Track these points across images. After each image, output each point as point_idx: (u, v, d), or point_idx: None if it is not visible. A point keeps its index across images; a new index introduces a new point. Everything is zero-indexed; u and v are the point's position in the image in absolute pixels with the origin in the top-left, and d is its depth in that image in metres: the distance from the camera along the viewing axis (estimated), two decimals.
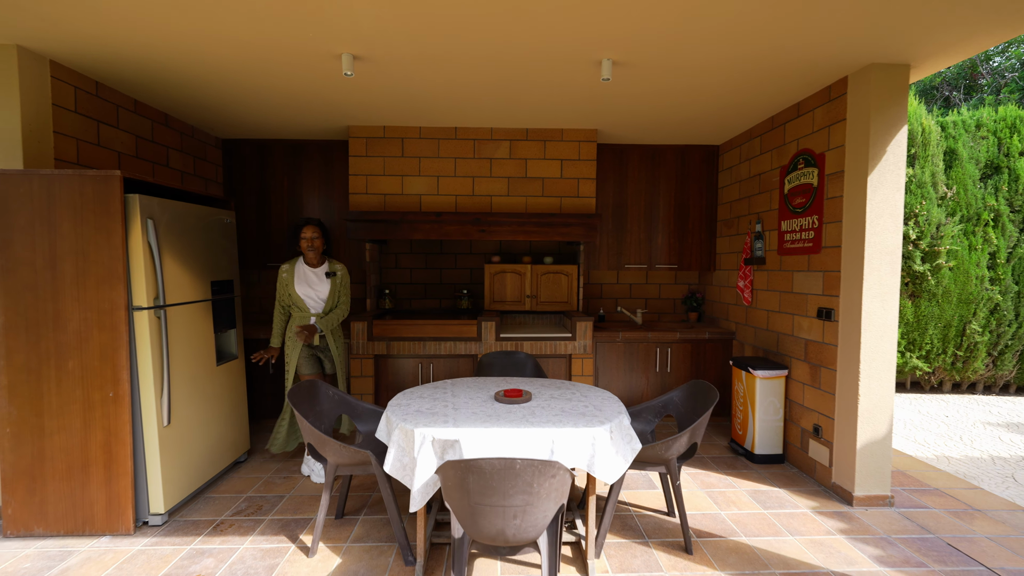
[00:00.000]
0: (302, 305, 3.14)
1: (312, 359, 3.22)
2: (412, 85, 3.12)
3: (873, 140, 2.78)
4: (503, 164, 4.13)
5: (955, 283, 5.40)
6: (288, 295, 3.13)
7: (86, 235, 2.44)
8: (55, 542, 2.46)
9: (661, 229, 4.62)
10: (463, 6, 2.17)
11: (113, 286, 2.46)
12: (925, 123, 5.47)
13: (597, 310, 4.89)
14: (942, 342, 5.60)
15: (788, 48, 2.56)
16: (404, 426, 2.10)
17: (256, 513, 2.75)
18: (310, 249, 3.14)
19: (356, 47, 2.58)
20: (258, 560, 2.32)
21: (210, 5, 2.18)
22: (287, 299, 3.15)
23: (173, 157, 3.78)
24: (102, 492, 2.51)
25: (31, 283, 2.44)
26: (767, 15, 2.23)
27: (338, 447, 2.24)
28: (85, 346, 2.47)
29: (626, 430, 2.26)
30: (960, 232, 5.40)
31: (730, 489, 3.08)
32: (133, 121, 3.37)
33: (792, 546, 2.46)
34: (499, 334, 3.92)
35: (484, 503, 1.67)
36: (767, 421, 3.46)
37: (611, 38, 2.46)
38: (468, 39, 2.49)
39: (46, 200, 2.42)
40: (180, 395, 2.75)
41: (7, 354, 2.44)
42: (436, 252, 4.67)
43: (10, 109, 2.57)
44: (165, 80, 3.05)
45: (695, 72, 2.89)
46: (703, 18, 2.27)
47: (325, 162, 4.43)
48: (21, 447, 2.47)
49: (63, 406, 2.47)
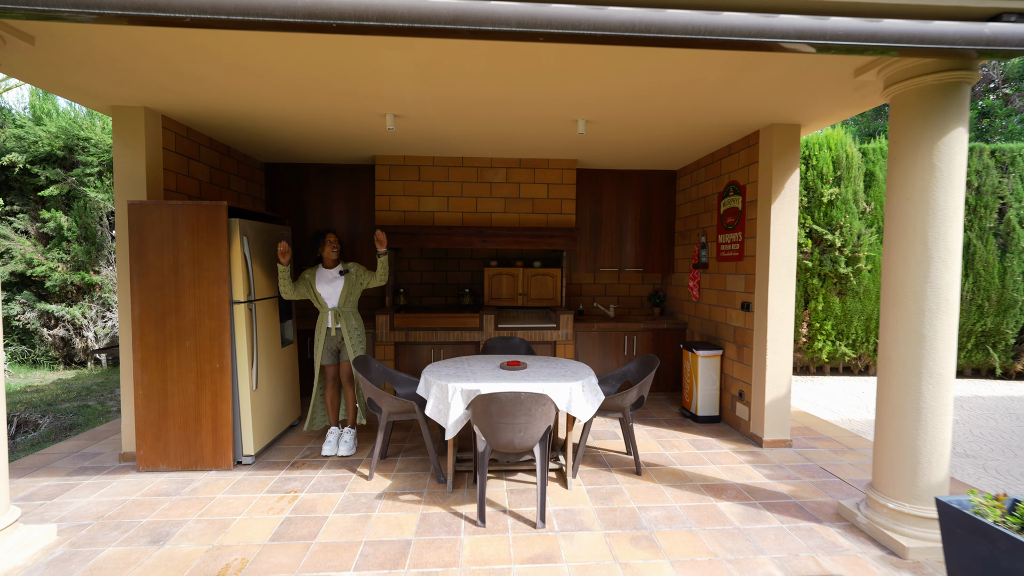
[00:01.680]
0: (321, 300, 3.80)
1: (331, 352, 3.88)
2: (433, 131, 4.06)
3: (775, 178, 3.80)
4: (501, 187, 5.08)
5: (873, 283, 6.51)
6: (311, 292, 3.79)
7: (200, 248, 3.32)
8: (177, 474, 3.34)
9: (630, 239, 5.62)
10: (476, 88, 3.12)
11: (220, 286, 3.35)
12: (849, 150, 6.57)
13: (577, 305, 5.87)
14: (865, 332, 6.71)
15: (715, 112, 3.56)
16: (440, 383, 3.04)
17: (318, 457, 3.66)
18: (333, 250, 3.79)
19: (398, 110, 3.51)
20: (332, 483, 3.23)
21: (303, 89, 3.09)
22: (307, 293, 3.79)
23: (233, 181, 4.65)
24: (210, 438, 3.39)
25: (159, 283, 3.32)
26: (697, 93, 3.22)
27: (391, 399, 3.17)
28: (198, 330, 3.35)
29: (594, 386, 3.23)
30: (877, 240, 6.51)
31: (675, 438, 4.08)
32: (208, 155, 4.24)
33: (711, 470, 3.46)
34: (497, 325, 4.87)
35: (500, 422, 2.62)
36: (707, 390, 4.48)
37: (583, 107, 3.43)
38: (479, 105, 3.43)
39: (171, 223, 3.30)
40: (262, 368, 3.65)
41: (141, 336, 3.31)
42: (443, 257, 5.60)
43: (137, 153, 3.45)
44: (237, 125, 3.93)
45: (649, 127, 3.89)
46: (649, 98, 3.25)
47: (351, 183, 5.34)
48: (150, 404, 3.35)
49: (181, 375, 3.36)
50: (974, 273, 6.57)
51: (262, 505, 2.93)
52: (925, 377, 2.48)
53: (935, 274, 2.45)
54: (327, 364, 3.84)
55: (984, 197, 6.58)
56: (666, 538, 2.60)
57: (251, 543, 2.54)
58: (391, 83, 3.01)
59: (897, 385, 2.56)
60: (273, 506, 2.92)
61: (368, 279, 3.86)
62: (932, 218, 2.44)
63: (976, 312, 6.62)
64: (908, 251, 2.50)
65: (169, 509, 2.88)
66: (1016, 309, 6.59)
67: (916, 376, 2.49)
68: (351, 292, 3.79)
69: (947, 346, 2.46)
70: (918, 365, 2.48)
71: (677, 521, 2.77)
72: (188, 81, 3.01)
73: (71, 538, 2.58)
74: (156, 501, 2.98)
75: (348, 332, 3.75)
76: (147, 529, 2.67)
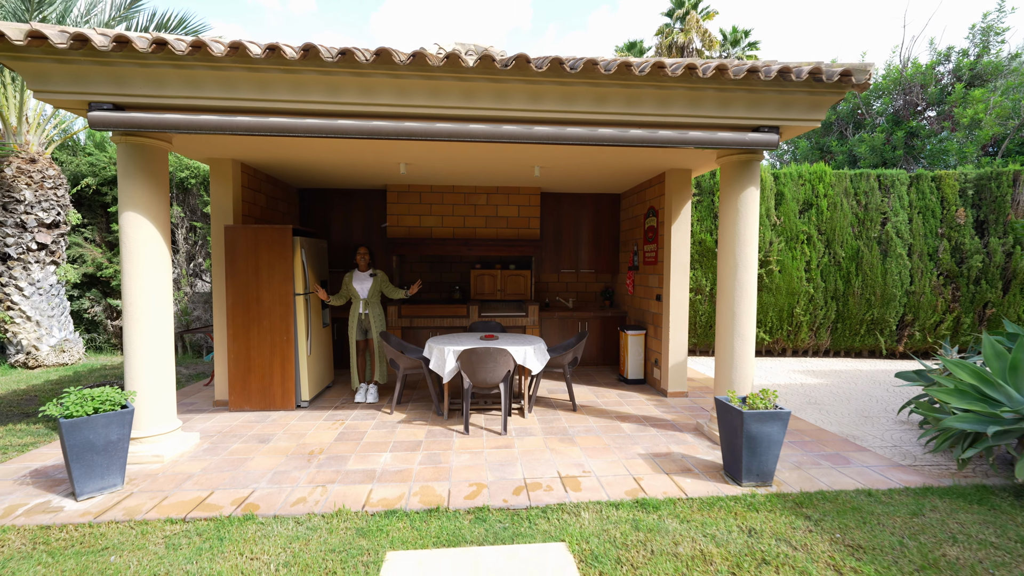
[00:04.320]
0: (356, 293, 5.46)
1: (362, 331, 5.51)
2: (432, 171, 5.61)
3: (674, 206, 5.40)
4: (482, 208, 6.64)
5: (783, 281, 8.15)
6: (349, 289, 5.41)
7: (274, 257, 4.84)
8: (257, 413, 4.85)
9: (585, 247, 7.20)
10: (463, 152, 4.67)
11: (286, 283, 4.86)
12: (764, 175, 8.21)
13: (544, 299, 7.44)
14: (779, 320, 8.35)
15: (634, 161, 5.14)
16: (439, 347, 4.58)
17: (352, 404, 5.18)
18: (363, 259, 5.40)
19: (407, 160, 5.06)
20: (365, 416, 4.76)
21: (342, 151, 4.62)
22: (347, 291, 5.41)
23: (279, 204, 6.16)
24: (279, 388, 4.91)
25: (244, 281, 4.82)
26: (619, 151, 4.79)
27: (406, 358, 4.72)
28: (272, 314, 4.86)
29: (543, 351, 4.79)
30: (785, 247, 8.16)
31: (607, 393, 5.66)
32: (265, 187, 5.76)
33: (625, 409, 5.04)
34: (480, 314, 6.42)
35: (478, 367, 4.18)
36: (634, 359, 6.07)
37: (538, 160, 5.00)
38: (464, 160, 4.99)
39: (254, 240, 4.81)
40: (313, 341, 5.17)
41: (232, 317, 4.82)
42: (438, 262, 7.14)
43: (227, 191, 4.96)
44: (287, 166, 5.45)
45: (587, 169, 5.47)
46: (584, 154, 4.82)
47: (367, 205, 6.87)
48: (238, 365, 4.85)
49: (260, 344, 4.87)
50: (862, 273, 8.25)
51: (322, 427, 4.47)
52: (736, 337, 4.07)
53: (740, 274, 4.04)
54: (359, 340, 5.39)
55: (870, 212, 8.26)
56: (581, 439, 4.18)
57: (322, 442, 4.07)
58: (405, 151, 4.56)
59: (723, 342, 4.15)
60: (329, 427, 4.45)
61: (389, 288, 5.45)
62: (738, 240, 4.04)
63: (865, 304, 8.30)
64: (726, 261, 4.10)
65: (261, 429, 4.40)
66: (896, 302, 8.27)
67: (730, 336, 4.08)
68: (376, 289, 5.36)
69: (749, 318, 4.05)
70: (731, 330, 4.08)
71: (591, 432, 4.35)
72: (263, 145, 4.53)
73: (208, 442, 4.09)
74: (251, 425, 4.50)
75: (373, 317, 5.31)
76: (254, 436, 4.19)
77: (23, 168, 6.63)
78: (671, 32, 20.74)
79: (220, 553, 2.52)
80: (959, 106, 13.10)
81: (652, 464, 3.66)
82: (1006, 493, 3.20)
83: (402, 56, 3.22)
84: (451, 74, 3.35)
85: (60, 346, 7.07)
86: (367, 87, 3.37)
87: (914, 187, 8.36)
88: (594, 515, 2.92)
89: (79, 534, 2.69)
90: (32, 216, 6.69)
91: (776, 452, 3.26)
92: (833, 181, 8.29)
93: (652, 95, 3.55)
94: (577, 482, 3.34)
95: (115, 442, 3.07)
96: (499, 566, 2.48)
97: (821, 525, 2.82)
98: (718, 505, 3.05)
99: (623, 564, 2.46)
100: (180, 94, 3.28)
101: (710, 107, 3.61)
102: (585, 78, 3.42)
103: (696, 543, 2.64)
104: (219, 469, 3.52)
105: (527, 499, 3.09)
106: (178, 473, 3.45)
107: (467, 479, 3.37)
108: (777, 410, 3.24)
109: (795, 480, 3.40)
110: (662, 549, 2.58)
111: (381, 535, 2.70)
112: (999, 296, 8.27)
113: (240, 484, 3.28)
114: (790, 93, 3.60)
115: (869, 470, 3.57)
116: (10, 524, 2.77)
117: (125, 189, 3.51)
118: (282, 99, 3.35)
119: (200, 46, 3.10)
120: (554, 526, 2.81)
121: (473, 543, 2.65)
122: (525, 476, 3.43)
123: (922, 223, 8.26)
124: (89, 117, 3.22)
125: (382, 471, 3.50)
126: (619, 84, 3.48)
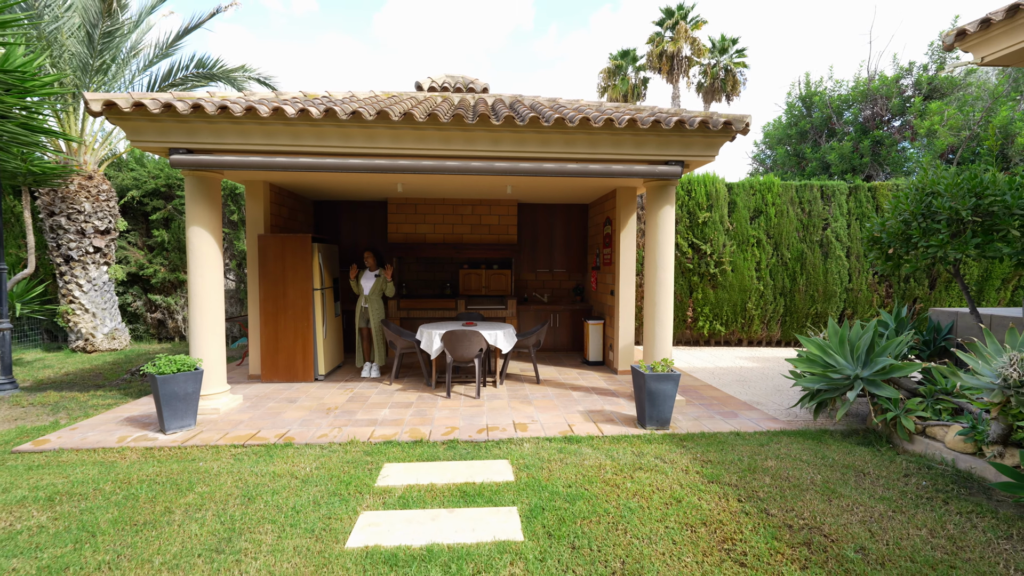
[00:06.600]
0: (361, 289, 6.69)
1: (364, 320, 6.73)
2: (425, 187, 6.81)
3: (623, 217, 6.57)
4: (469, 217, 7.84)
5: (736, 279, 9.29)
6: (357, 285, 6.65)
7: (296, 260, 6.05)
8: (283, 384, 6.07)
9: (558, 249, 8.38)
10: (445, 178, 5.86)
11: (307, 280, 6.08)
12: (718, 186, 9.34)
13: (523, 294, 8.63)
14: (733, 314, 9.49)
15: (588, 182, 6.31)
16: (429, 331, 5.78)
17: (359, 378, 6.39)
18: (369, 259, 6.67)
19: (404, 182, 6.26)
20: (369, 386, 5.97)
21: (352, 178, 5.82)
22: (356, 288, 6.67)
23: (298, 215, 7.39)
24: (301, 364, 6.12)
25: (274, 280, 6.04)
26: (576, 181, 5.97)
27: (402, 340, 5.93)
28: (295, 305, 6.08)
29: (511, 334, 5.98)
30: (738, 249, 9.29)
31: (569, 371, 6.85)
32: (287, 200, 6.98)
33: (580, 383, 6.22)
34: (467, 307, 7.62)
35: (458, 344, 5.38)
36: (595, 344, 7.24)
37: (508, 182, 6.19)
38: (448, 181, 6.18)
39: (281, 246, 6.03)
40: (327, 328, 6.39)
41: (263, 309, 6.04)
42: (431, 262, 8.35)
43: (259, 207, 6.18)
44: (306, 185, 6.67)
45: (551, 188, 6.65)
46: (542, 179, 6.00)
47: (371, 214, 8.08)
48: (268, 345, 6.08)
49: (285, 330, 6.08)
50: (807, 273, 9.38)
51: (336, 392, 5.68)
52: (656, 322, 5.24)
53: (660, 274, 5.21)
54: (363, 327, 6.62)
55: (813, 219, 9.38)
56: (538, 402, 5.37)
57: (337, 402, 5.28)
58: (401, 175, 5.76)
59: (648, 327, 5.32)
60: (342, 393, 5.67)
61: (387, 287, 6.65)
62: (658, 248, 5.20)
63: (809, 300, 9.43)
64: (650, 265, 5.27)
65: (289, 394, 5.62)
66: (836, 298, 9.40)
67: (653, 321, 5.26)
68: (377, 287, 6.59)
69: (666, 309, 5.22)
70: (654, 315, 5.25)
71: (547, 398, 5.54)
72: (289, 172, 5.75)
73: (249, 402, 5.31)
74: (280, 391, 5.72)
75: (372, 310, 6.55)
76: (284, 399, 5.41)
77: (83, 184, 7.88)
78: (661, 41, 21.88)
79: (271, 461, 3.74)
80: (918, 118, 14.17)
81: (586, 416, 4.85)
82: (838, 434, 4.37)
83: (396, 114, 4.42)
84: (432, 127, 4.54)
85: (111, 334, 8.33)
86: (371, 135, 4.57)
87: (852, 196, 9.47)
88: (532, 445, 4.11)
89: (173, 452, 3.92)
90: (90, 224, 7.94)
91: (670, 404, 4.44)
92: (780, 191, 9.42)
93: (584, 139, 4.73)
94: (525, 427, 4.54)
95: (191, 393, 4.29)
96: (460, 471, 3.67)
97: (691, 451, 4.00)
98: (624, 440, 4.23)
99: (543, 469, 3.65)
100: (234, 141, 4.49)
101: (629, 147, 4.79)
102: (533, 128, 4.61)
103: (598, 459, 3.82)
104: (261, 418, 4.74)
105: (487, 436, 4.29)
106: (232, 420, 4.68)
107: (445, 424, 4.57)
108: (671, 373, 4.41)
109: (688, 426, 4.58)
110: (574, 462, 3.77)
111: (381, 455, 3.90)
112: (926, 292, 9.39)
113: (279, 426, 4.50)
114: (689, 136, 4.77)
115: (749, 421, 4.74)
116: (125, 446, 4.00)
117: (191, 210, 4.72)
118: (308, 144, 4.55)
119: (251, 109, 4.30)
120: (503, 451, 4.00)
121: (444, 460, 3.85)
122: (488, 423, 4.63)
123: (859, 228, 9.37)
124: (171, 159, 4.44)
125: (382, 419, 4.71)
126: (558, 132, 4.67)
